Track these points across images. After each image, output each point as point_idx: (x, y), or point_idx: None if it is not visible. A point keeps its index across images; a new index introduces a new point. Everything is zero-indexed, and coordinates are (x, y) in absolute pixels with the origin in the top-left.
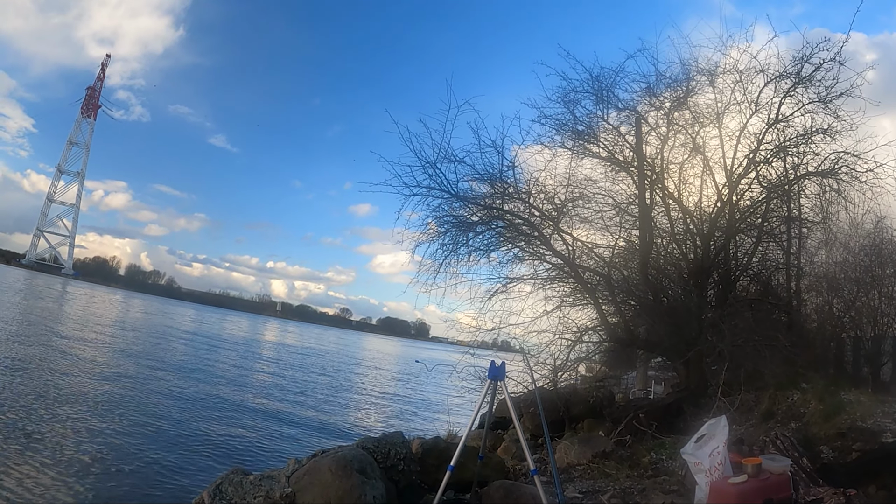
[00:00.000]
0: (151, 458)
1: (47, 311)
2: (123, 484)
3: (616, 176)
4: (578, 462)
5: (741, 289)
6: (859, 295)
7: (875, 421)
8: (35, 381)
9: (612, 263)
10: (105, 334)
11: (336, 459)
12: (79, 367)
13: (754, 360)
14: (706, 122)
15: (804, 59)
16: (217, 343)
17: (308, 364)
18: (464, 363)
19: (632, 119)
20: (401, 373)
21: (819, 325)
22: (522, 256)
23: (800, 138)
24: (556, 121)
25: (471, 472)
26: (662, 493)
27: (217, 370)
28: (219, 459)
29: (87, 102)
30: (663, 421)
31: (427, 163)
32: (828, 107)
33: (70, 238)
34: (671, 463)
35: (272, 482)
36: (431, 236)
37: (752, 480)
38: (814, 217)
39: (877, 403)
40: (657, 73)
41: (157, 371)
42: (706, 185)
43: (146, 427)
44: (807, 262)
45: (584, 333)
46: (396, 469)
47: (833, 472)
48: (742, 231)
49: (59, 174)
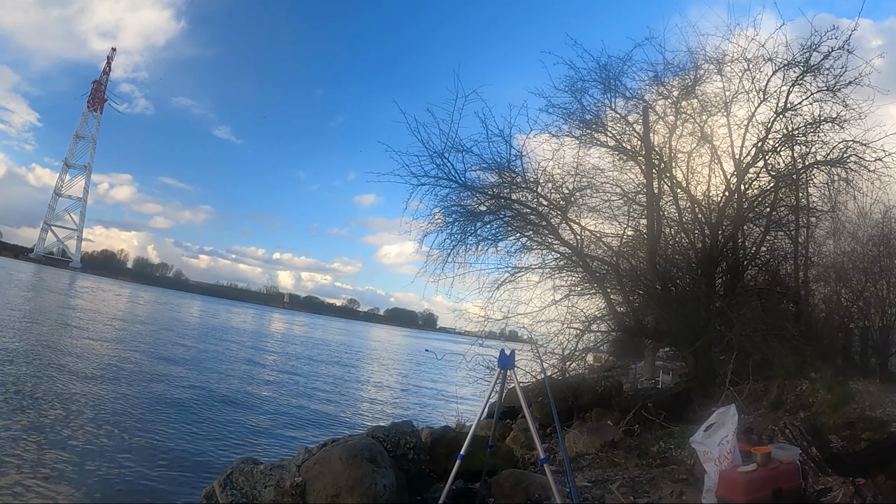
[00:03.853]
0: (161, 448)
1: (57, 305)
2: (133, 474)
3: (624, 165)
4: (587, 451)
5: (749, 278)
6: (867, 285)
7: (884, 410)
8: (45, 373)
9: (620, 253)
10: (115, 327)
11: (346, 448)
12: (88, 360)
13: (762, 350)
14: (714, 110)
15: (812, 47)
16: (226, 334)
17: (317, 355)
18: (472, 353)
19: (639, 108)
20: (410, 363)
21: (827, 315)
22: (530, 246)
23: (808, 127)
24: (563, 110)
25: (480, 461)
26: (671, 482)
27: (226, 361)
28: (229, 449)
29: (94, 96)
30: (672, 410)
31: (435, 152)
32: (836, 95)
33: (78, 232)
34: (680, 452)
35: (282, 471)
36: (439, 226)
37: (761, 469)
38: (822, 206)
39: (885, 393)
40: (665, 61)
41: (167, 363)
42: (714, 174)
43: (156, 418)
44: (815, 251)
45: (593, 323)
46: (406, 458)
47: (842, 462)
48: (750, 220)
49: (66, 168)
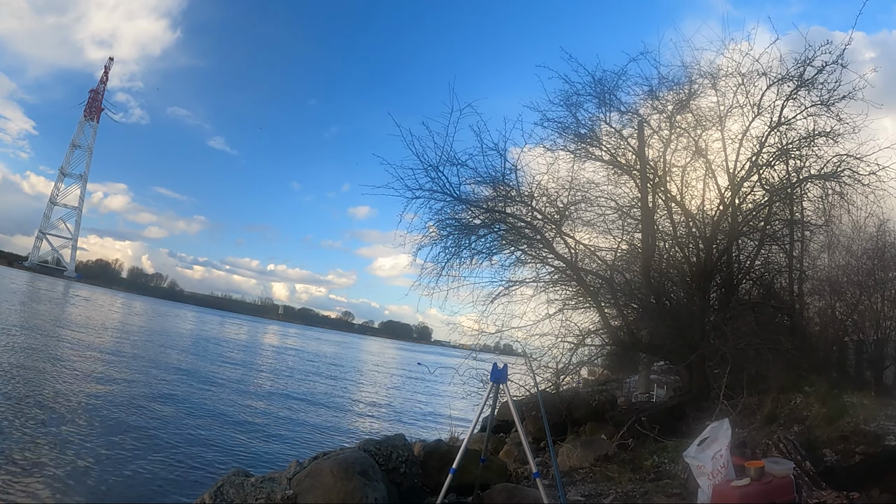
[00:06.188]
0: (152, 460)
1: (51, 315)
2: (124, 486)
3: (618, 179)
4: (581, 465)
5: (744, 292)
6: (862, 298)
7: (878, 424)
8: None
9: (614, 266)
10: (108, 338)
11: (338, 461)
12: (81, 371)
13: (757, 364)
14: (708, 124)
15: (806, 61)
16: (220, 346)
17: (310, 367)
18: (466, 366)
19: (634, 122)
20: (403, 376)
21: (822, 329)
22: (525, 259)
23: (802, 141)
24: (558, 124)
25: (473, 474)
26: (665, 496)
27: (219, 373)
28: (220, 461)
29: (90, 105)
30: (666, 424)
31: (430, 165)
32: (830, 109)
33: (73, 240)
34: (674, 466)
35: (273, 484)
36: (433, 239)
37: (755, 484)
38: (816, 220)
39: (880, 407)
40: (659, 75)
41: (159, 374)
42: (709, 188)
43: (147, 429)
44: (809, 265)
45: (587, 337)
46: (398, 472)
47: (836, 476)
48: (745, 234)
49: (61, 176)
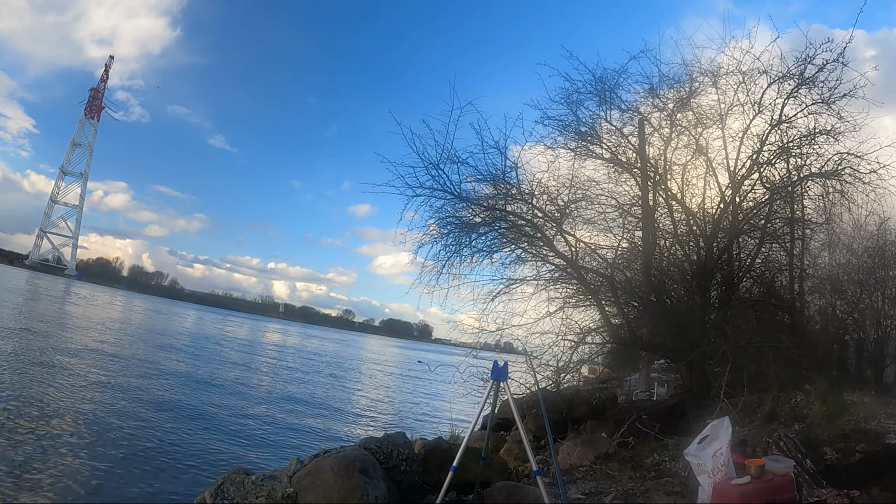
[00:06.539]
0: (153, 458)
1: (52, 313)
2: (125, 484)
3: (619, 177)
4: (581, 463)
5: (744, 290)
6: (862, 297)
7: (878, 422)
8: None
9: (615, 265)
10: (108, 336)
11: (338, 459)
12: (81, 370)
13: (757, 362)
14: (709, 123)
15: (807, 60)
16: (220, 344)
17: (310, 365)
18: (466, 364)
19: (635, 120)
20: (403, 374)
21: (822, 327)
22: (525, 258)
23: (803, 139)
24: (558, 122)
25: (473, 472)
26: (665, 494)
27: (220, 371)
28: (220, 459)
29: (91, 103)
30: (666, 422)
31: (430, 164)
32: (831, 108)
33: (73, 239)
34: (674, 464)
35: (274, 482)
36: (434, 237)
37: (756, 482)
38: (817, 218)
39: (880, 405)
40: (660, 73)
41: (160, 373)
42: (709, 186)
43: (148, 428)
44: (810, 263)
45: (587, 335)
46: (399, 470)
47: (836, 474)
48: (745, 232)
49: (62, 175)
